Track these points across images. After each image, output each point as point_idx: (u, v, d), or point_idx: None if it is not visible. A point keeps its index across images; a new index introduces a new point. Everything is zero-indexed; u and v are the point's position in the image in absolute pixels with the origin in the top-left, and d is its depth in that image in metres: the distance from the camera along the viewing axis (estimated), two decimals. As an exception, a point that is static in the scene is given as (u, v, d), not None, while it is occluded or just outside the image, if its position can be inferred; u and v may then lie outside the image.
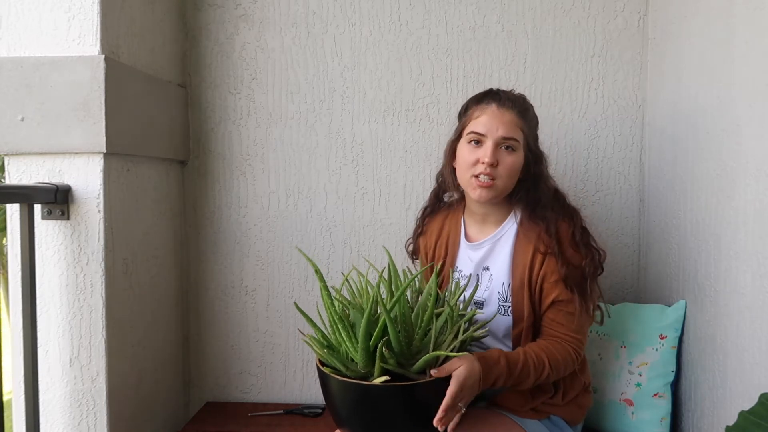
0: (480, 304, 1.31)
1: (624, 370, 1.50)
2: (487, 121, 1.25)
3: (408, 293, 1.29)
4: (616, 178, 1.76)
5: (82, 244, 1.35)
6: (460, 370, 1.07)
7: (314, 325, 1.15)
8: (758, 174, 1.12)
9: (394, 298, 1.08)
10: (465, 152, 1.27)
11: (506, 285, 1.29)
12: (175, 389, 1.78)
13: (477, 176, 1.25)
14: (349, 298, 1.22)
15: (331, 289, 1.18)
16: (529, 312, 1.26)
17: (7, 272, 1.38)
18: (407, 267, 1.42)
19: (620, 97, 1.74)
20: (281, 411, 1.72)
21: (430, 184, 1.76)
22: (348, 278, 1.27)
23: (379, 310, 1.10)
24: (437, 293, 1.21)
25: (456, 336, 1.15)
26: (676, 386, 1.49)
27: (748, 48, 1.16)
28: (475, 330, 1.20)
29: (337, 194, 1.81)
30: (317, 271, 1.15)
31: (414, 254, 1.52)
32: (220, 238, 1.83)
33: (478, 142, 1.25)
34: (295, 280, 1.82)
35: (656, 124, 1.67)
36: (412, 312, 1.16)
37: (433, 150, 1.77)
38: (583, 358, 1.40)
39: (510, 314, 1.28)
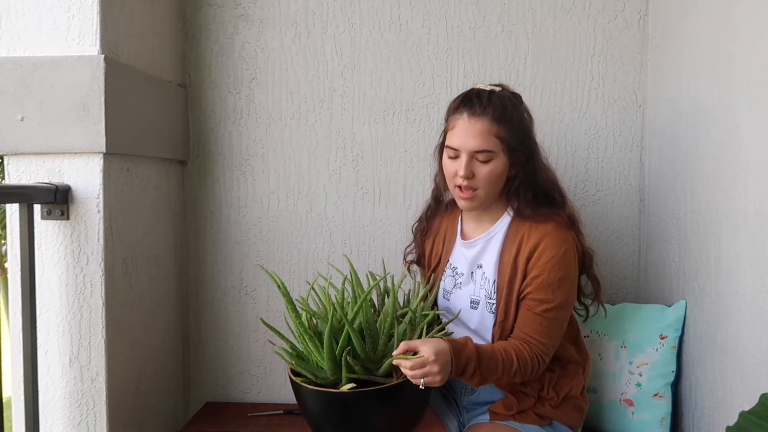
0: (476, 304, 1.32)
1: (624, 370, 1.50)
2: (460, 134, 1.25)
3: (374, 296, 1.31)
4: (616, 178, 1.76)
5: (81, 244, 1.35)
6: (430, 344, 1.09)
7: (283, 336, 1.21)
8: (758, 174, 1.12)
9: (356, 308, 1.13)
10: (446, 164, 1.31)
11: (492, 282, 1.30)
12: (175, 389, 1.78)
13: (459, 187, 1.27)
14: (315, 308, 1.26)
15: (297, 301, 1.23)
16: (515, 312, 1.27)
17: (6, 272, 1.38)
18: (369, 272, 1.41)
19: (620, 97, 1.74)
20: (281, 411, 1.72)
21: (430, 184, 1.75)
22: (315, 286, 1.31)
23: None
24: (396, 296, 1.25)
25: (420, 338, 1.19)
26: (676, 386, 1.49)
27: (749, 48, 1.16)
28: (438, 330, 1.22)
29: (337, 194, 1.80)
30: (280, 286, 1.19)
31: (417, 261, 1.52)
32: (220, 239, 1.83)
33: (455, 156, 1.27)
34: (295, 281, 1.82)
35: (656, 124, 1.67)
36: (378, 316, 1.21)
37: (433, 150, 1.77)
38: (586, 360, 1.40)
39: (494, 312, 1.29)
